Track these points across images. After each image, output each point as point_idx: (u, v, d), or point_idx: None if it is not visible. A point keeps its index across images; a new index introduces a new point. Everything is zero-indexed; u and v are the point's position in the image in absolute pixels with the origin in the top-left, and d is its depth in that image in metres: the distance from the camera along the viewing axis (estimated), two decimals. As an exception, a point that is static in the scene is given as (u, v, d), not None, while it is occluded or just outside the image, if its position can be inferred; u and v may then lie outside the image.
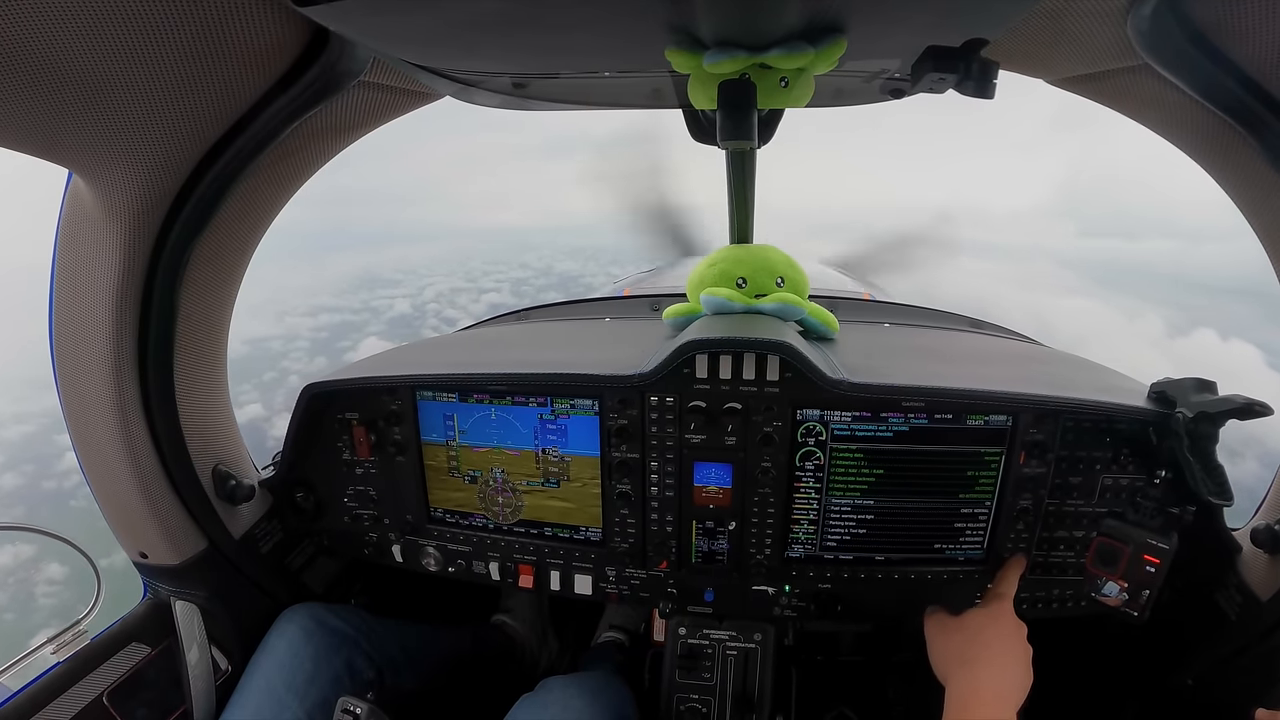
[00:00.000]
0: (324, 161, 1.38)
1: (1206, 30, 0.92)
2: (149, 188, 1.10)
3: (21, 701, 1.23)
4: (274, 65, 1.01)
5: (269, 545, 1.66)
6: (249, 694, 1.39)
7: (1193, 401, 1.22)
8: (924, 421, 1.36)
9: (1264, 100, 0.98)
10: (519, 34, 0.88)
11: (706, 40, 0.86)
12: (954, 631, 1.29)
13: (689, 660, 1.53)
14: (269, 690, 1.38)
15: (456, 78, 1.14)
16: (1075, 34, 1.00)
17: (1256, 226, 1.23)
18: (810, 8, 0.77)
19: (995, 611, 1.29)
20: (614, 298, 2.90)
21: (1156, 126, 1.22)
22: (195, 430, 1.42)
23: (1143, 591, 1.28)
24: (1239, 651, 1.36)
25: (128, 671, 1.40)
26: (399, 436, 1.59)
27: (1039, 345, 2.18)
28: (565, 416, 1.49)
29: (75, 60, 0.83)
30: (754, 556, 1.49)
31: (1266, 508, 1.39)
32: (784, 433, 1.39)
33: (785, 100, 0.96)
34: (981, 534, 1.44)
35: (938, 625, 1.33)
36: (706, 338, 1.33)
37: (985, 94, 0.86)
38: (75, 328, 1.22)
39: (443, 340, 2.21)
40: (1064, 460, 1.37)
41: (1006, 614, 1.29)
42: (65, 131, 0.95)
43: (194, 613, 1.50)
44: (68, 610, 1.35)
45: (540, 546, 1.61)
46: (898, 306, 2.62)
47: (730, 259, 1.62)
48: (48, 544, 1.38)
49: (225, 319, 1.46)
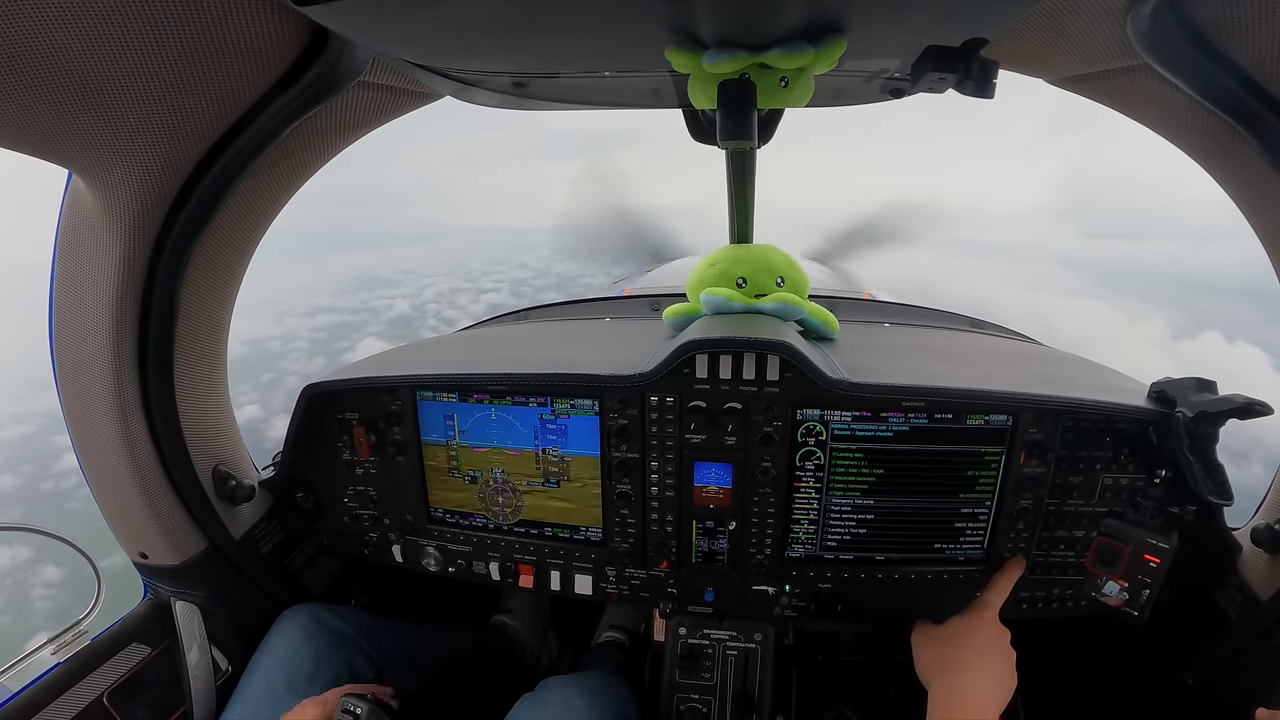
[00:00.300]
0: (324, 161, 1.38)
1: (1206, 30, 0.92)
2: (149, 188, 1.10)
3: (22, 702, 1.23)
4: (274, 65, 1.01)
5: (269, 545, 1.66)
6: (249, 694, 1.39)
7: (1193, 401, 1.22)
8: (924, 421, 1.36)
9: (1264, 100, 0.98)
10: (519, 34, 0.88)
11: (706, 40, 0.86)
12: (937, 639, 1.32)
13: (689, 660, 1.53)
14: (269, 690, 1.38)
15: (456, 77, 1.14)
16: (1075, 34, 1.00)
17: (1257, 226, 1.23)
18: (810, 8, 0.77)
19: (977, 619, 1.31)
20: (614, 298, 2.90)
21: (1156, 126, 1.22)
22: (195, 430, 1.42)
23: (1143, 591, 1.28)
24: (1239, 651, 1.36)
25: (128, 672, 1.40)
26: (399, 436, 1.59)
27: (1039, 345, 2.18)
28: (565, 416, 1.49)
29: (75, 60, 0.83)
30: (754, 556, 1.49)
31: (1266, 507, 1.39)
32: (784, 432, 1.39)
33: (785, 100, 0.96)
34: (982, 534, 1.44)
35: (923, 635, 1.36)
36: (706, 337, 1.33)
37: (985, 94, 0.86)
38: (75, 328, 1.22)
39: (443, 340, 2.21)
40: (1064, 460, 1.37)
41: (989, 621, 1.31)
42: (65, 131, 0.95)
43: (194, 613, 1.50)
44: (64, 613, 1.35)
45: (540, 546, 1.61)
46: (898, 306, 2.63)
47: (730, 259, 1.62)
48: (45, 545, 1.37)
49: (225, 319, 1.46)
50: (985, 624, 1.31)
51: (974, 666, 1.24)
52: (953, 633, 1.31)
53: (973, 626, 1.31)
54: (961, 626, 1.31)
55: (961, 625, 1.32)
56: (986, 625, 1.31)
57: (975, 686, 1.21)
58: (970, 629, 1.30)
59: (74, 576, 1.38)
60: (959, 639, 1.30)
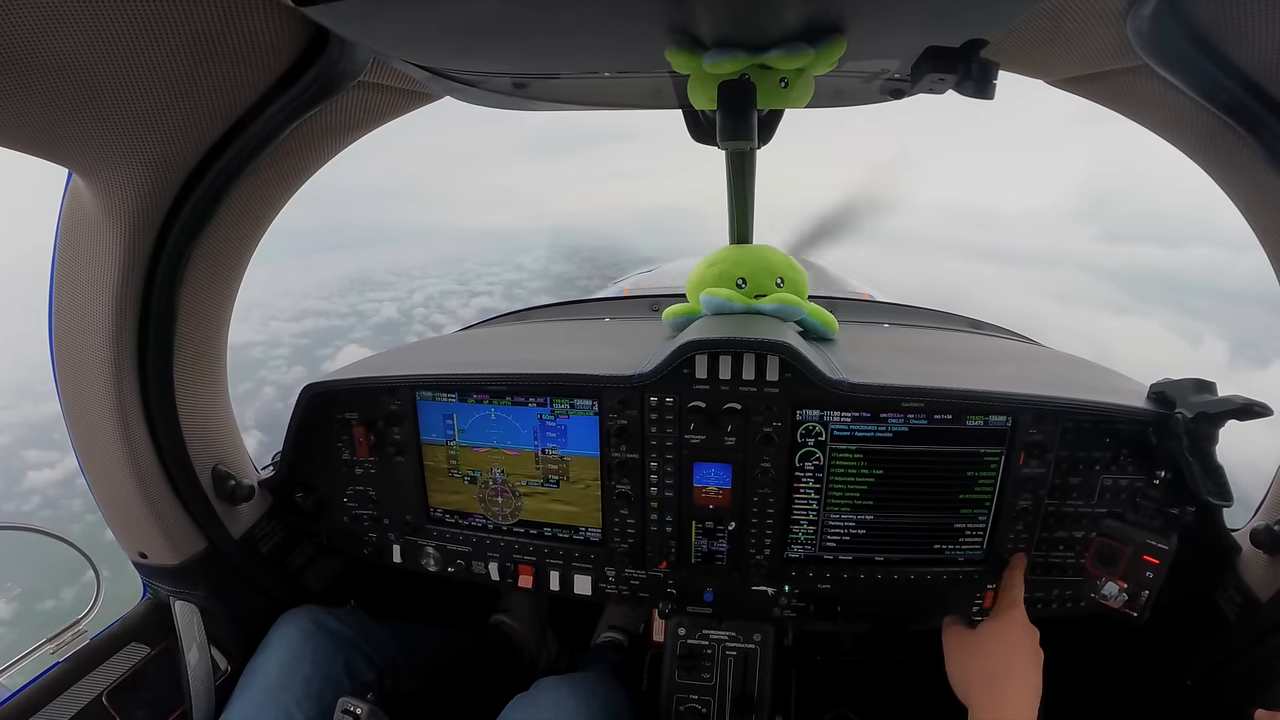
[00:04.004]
0: (324, 161, 1.38)
1: (1206, 31, 0.92)
2: (149, 187, 1.10)
3: (21, 701, 1.23)
4: (274, 65, 1.01)
5: (268, 545, 1.66)
6: (248, 695, 1.39)
7: (1192, 402, 1.22)
8: (924, 422, 1.36)
9: (1264, 101, 0.98)
10: (519, 35, 0.88)
11: (706, 41, 0.86)
12: (975, 648, 1.30)
13: (688, 661, 1.53)
14: (268, 691, 1.38)
15: (456, 78, 1.14)
16: (1075, 34, 1.00)
17: (1257, 228, 1.23)
18: (810, 8, 0.77)
19: (1009, 621, 1.30)
20: (614, 298, 2.91)
21: (1156, 127, 1.22)
22: (195, 430, 1.42)
23: (1142, 592, 1.28)
24: (1238, 652, 1.36)
25: (127, 671, 1.40)
26: (399, 437, 1.59)
27: (1038, 345, 2.18)
28: (565, 417, 1.49)
29: (75, 60, 0.83)
30: (753, 557, 1.49)
31: (1266, 508, 1.39)
32: (783, 433, 1.39)
33: (785, 101, 0.96)
34: (981, 534, 1.44)
35: (957, 641, 1.34)
36: (706, 338, 1.33)
37: (985, 94, 0.86)
38: (75, 327, 1.22)
39: (442, 340, 2.22)
40: (1064, 461, 1.37)
41: (1020, 623, 1.30)
42: (65, 131, 0.94)
43: (193, 613, 1.50)
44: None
45: (540, 547, 1.61)
46: (897, 307, 2.63)
47: (730, 259, 1.62)
48: (42, 548, 1.37)
49: (225, 319, 1.46)
50: (1018, 626, 1.29)
51: (1015, 678, 1.23)
52: (989, 640, 1.29)
53: (1008, 631, 1.28)
54: (996, 632, 1.29)
55: (997, 630, 1.29)
56: (1019, 627, 1.29)
57: (1017, 701, 1.20)
58: (1006, 635, 1.28)
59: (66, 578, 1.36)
60: (997, 647, 1.27)
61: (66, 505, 40.71)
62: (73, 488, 44.19)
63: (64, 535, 1.40)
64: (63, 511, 37.57)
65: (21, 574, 18.13)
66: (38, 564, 16.59)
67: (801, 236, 5.25)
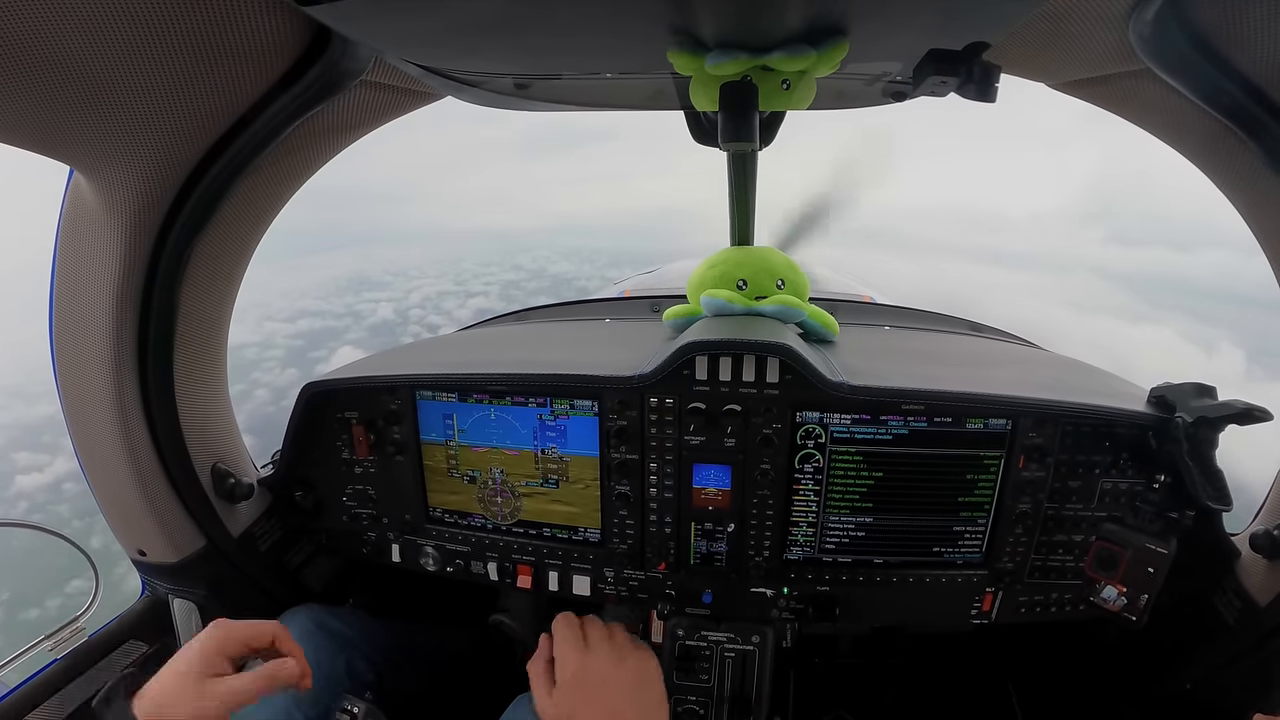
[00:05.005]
0: (325, 160, 1.38)
1: (1208, 35, 0.92)
2: (150, 185, 1.10)
3: (19, 698, 1.23)
4: (276, 64, 1.01)
5: (267, 544, 1.66)
6: None
7: (1192, 406, 1.22)
8: (923, 424, 1.36)
9: (1266, 105, 0.98)
10: (521, 35, 0.88)
11: (708, 42, 0.86)
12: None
13: (686, 662, 1.53)
14: None
15: (458, 78, 1.14)
16: (1077, 38, 1.00)
17: (1257, 231, 1.23)
18: (812, 10, 0.77)
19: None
20: (614, 299, 2.91)
21: (1157, 131, 1.22)
22: (194, 428, 1.42)
23: (1141, 596, 1.28)
24: (1237, 656, 1.36)
25: (125, 669, 1.40)
26: (398, 436, 1.59)
27: (1039, 349, 2.18)
28: (565, 417, 1.49)
29: (78, 57, 0.83)
30: (752, 558, 1.49)
31: (1265, 513, 1.39)
32: (783, 435, 1.39)
33: (787, 102, 0.96)
34: (980, 537, 1.43)
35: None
36: (706, 339, 1.33)
37: (986, 97, 0.86)
38: (75, 324, 1.22)
39: (442, 340, 2.21)
40: (1063, 464, 1.37)
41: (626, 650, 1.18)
42: (67, 128, 0.95)
43: (192, 610, 1.50)
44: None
45: (539, 547, 1.61)
46: (897, 309, 2.63)
47: (731, 261, 1.62)
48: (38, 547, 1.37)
49: (225, 317, 1.46)
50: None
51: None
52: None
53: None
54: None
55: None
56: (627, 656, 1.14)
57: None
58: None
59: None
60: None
61: (54, 510, 40.44)
62: (60, 493, 43.88)
63: (61, 533, 1.40)
64: (51, 516, 37.43)
65: (12, 576, 18.00)
66: (33, 565, 16.47)
67: (779, 237, 5.19)
